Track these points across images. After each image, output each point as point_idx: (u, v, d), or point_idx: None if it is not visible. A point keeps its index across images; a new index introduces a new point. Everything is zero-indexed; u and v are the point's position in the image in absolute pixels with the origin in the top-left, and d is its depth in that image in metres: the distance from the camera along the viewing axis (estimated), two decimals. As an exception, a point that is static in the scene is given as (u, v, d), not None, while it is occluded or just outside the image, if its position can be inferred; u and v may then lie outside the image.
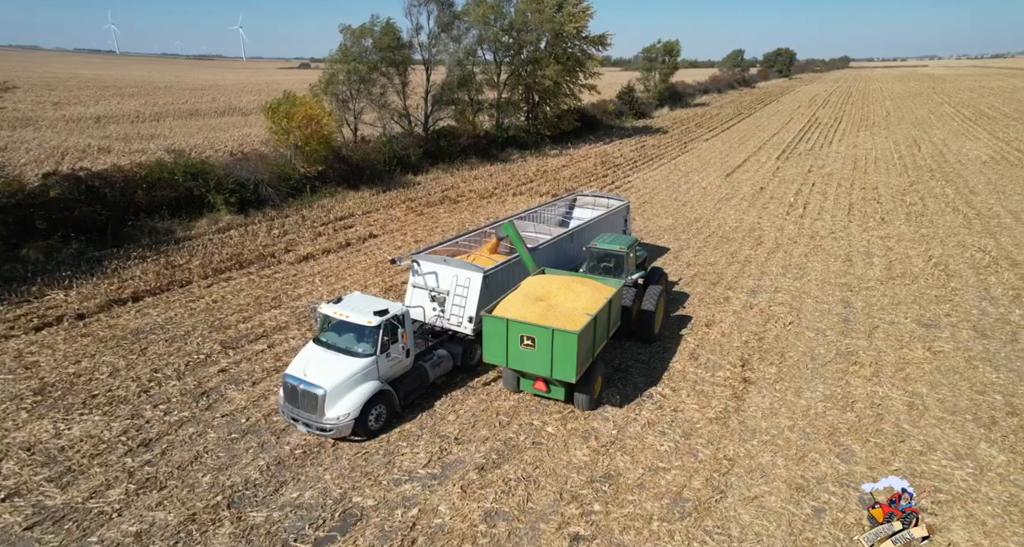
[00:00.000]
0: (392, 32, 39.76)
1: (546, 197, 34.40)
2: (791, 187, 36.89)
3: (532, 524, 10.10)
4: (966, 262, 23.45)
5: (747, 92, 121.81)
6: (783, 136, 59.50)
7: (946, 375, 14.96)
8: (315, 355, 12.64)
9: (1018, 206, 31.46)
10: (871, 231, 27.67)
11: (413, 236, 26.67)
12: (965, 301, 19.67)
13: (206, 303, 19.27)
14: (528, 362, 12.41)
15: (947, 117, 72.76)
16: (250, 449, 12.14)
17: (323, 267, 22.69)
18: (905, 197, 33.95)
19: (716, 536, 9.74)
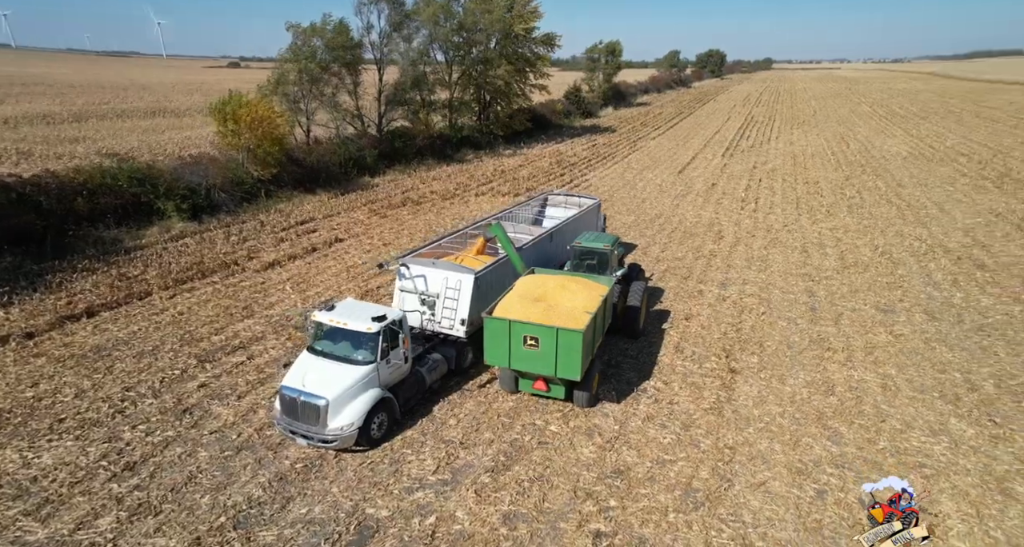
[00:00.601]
0: (344, 31, 38.87)
1: (508, 197, 34.52)
2: (740, 183, 38.37)
3: (552, 524, 10.15)
4: (907, 250, 25.04)
5: (685, 92, 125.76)
6: (724, 134, 61.78)
7: (909, 357, 15.97)
8: (312, 365, 12.25)
9: (940, 197, 33.77)
10: (820, 223, 29.15)
11: (380, 239, 26.19)
12: (913, 287, 21.01)
13: (172, 315, 18.31)
14: (531, 362, 12.44)
15: (866, 116, 77.33)
16: (247, 466, 11.65)
17: (291, 274, 21.97)
18: (844, 191, 35.91)
19: (731, 523, 10.06)
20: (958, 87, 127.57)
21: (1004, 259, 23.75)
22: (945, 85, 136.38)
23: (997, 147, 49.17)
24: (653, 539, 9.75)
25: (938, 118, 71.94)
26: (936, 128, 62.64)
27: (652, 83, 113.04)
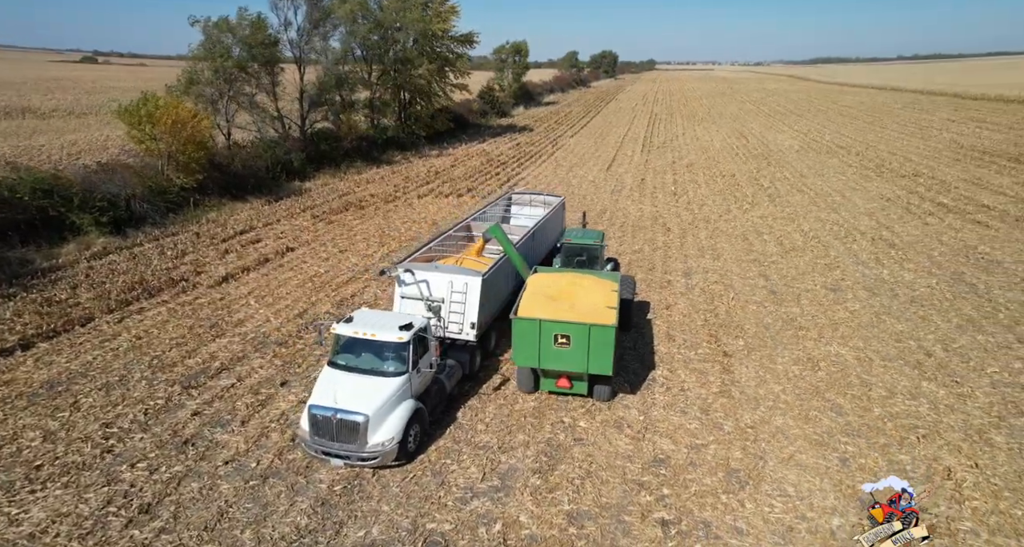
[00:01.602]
0: (263, 28, 36.69)
1: (451, 198, 34.24)
2: (666, 177, 40.38)
3: (616, 517, 10.34)
4: (830, 234, 27.55)
5: (586, 91, 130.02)
6: (636, 131, 64.63)
7: (868, 330, 17.68)
8: (341, 380, 11.63)
9: (838, 186, 37.33)
10: (749, 213, 31.36)
11: (335, 246, 25.13)
12: (847, 267, 23.19)
13: (128, 340, 16.60)
14: (562, 360, 12.55)
15: (752, 113, 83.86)
16: (280, 494, 10.88)
17: (251, 287, 20.58)
18: (759, 182, 38.81)
19: (779, 498, 10.73)
20: (816, 88, 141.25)
21: (907, 239, 26.72)
22: (805, 86, 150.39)
23: (865, 141, 54.96)
24: (715, 521, 10.21)
25: (811, 115, 79.32)
26: (812, 124, 69.04)
27: (556, 83, 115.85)
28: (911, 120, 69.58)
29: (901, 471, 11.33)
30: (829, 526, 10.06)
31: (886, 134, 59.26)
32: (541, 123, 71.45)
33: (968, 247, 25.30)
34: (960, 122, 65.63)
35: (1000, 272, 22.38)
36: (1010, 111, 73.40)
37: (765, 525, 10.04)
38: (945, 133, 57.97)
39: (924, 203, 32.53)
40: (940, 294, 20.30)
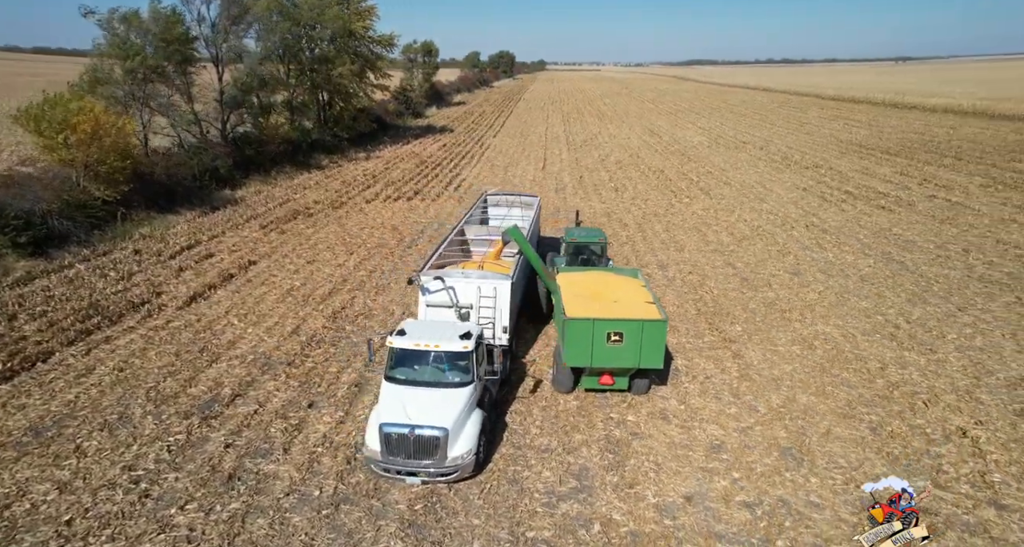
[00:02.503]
0: (177, 23, 33.79)
1: (401, 202, 33.50)
2: (602, 174, 41.79)
3: (702, 505, 10.77)
4: (770, 223, 29.87)
5: (491, 91, 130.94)
6: (554, 131, 66.14)
7: (839, 308, 19.44)
8: (407, 395, 11.21)
9: (757, 178, 40.47)
10: (691, 206, 33.23)
11: (299, 257, 23.86)
12: (797, 252, 25.29)
13: (110, 373, 14.92)
14: (614, 357, 12.82)
15: (654, 112, 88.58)
16: (361, 520, 10.34)
17: (226, 306, 19.11)
18: (688, 177, 41.17)
19: (836, 471, 11.62)
20: (702, 88, 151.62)
21: (833, 224, 29.55)
22: (690, 87, 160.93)
23: (762, 137, 59.86)
24: (791, 498, 10.91)
25: (707, 113, 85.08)
26: (710, 122, 74.11)
27: (462, 83, 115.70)
28: (791, 118, 76.47)
29: (924, 435, 12.70)
30: (884, 488, 11.09)
31: (776, 130, 64.75)
32: (458, 123, 71.26)
33: (884, 230, 28.39)
34: (830, 119, 73.15)
35: (917, 250, 25.35)
36: (861, 110, 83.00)
37: (835, 497, 10.90)
38: (823, 129, 64.33)
39: (833, 192, 36.01)
40: (881, 273, 22.69)
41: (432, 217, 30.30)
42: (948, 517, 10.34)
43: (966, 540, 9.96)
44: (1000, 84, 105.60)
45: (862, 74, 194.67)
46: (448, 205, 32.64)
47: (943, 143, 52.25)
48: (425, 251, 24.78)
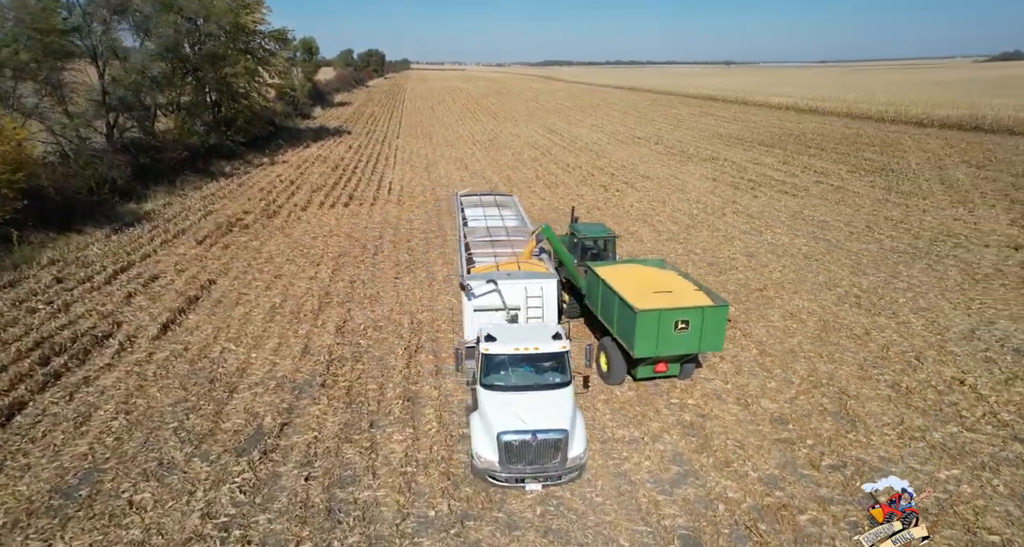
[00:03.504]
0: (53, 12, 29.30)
1: (339, 207, 31.92)
2: (526, 172, 42.47)
3: (797, 473, 11.65)
4: (701, 212, 32.19)
5: (370, 90, 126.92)
6: (457, 131, 65.90)
7: (803, 284, 21.57)
8: (513, 401, 10.96)
9: (668, 171, 43.38)
10: (624, 199, 34.92)
11: (261, 272, 22.08)
12: (738, 236, 27.62)
13: (116, 418, 12.96)
14: (679, 344, 13.36)
15: (540, 111, 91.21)
16: (494, 533, 10.00)
17: (210, 331, 17.25)
18: (606, 171, 43.08)
19: (887, 428, 12.96)
20: (572, 88, 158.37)
21: (755, 210, 32.61)
22: (563, 87, 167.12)
23: (651, 132, 64.16)
24: (867, 457, 12.04)
25: (592, 111, 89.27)
26: (599, 120, 77.85)
27: (340, 82, 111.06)
28: (667, 115, 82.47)
29: (932, 387, 14.64)
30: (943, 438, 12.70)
31: (660, 126, 69.59)
32: (352, 125, 68.62)
33: (797, 213, 31.82)
34: (700, 116, 79.99)
35: (833, 229, 28.75)
36: (720, 107, 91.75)
37: (900, 451, 12.30)
38: (700, 125, 70.19)
39: (740, 181, 39.60)
40: (817, 250, 25.49)
41: (381, 223, 29.16)
42: (992, 455, 12.11)
43: (1000, 470, 11.74)
44: (819, 87, 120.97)
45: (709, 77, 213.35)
46: (393, 210, 31.56)
47: (802, 136, 59.20)
48: (399, 258, 23.95)
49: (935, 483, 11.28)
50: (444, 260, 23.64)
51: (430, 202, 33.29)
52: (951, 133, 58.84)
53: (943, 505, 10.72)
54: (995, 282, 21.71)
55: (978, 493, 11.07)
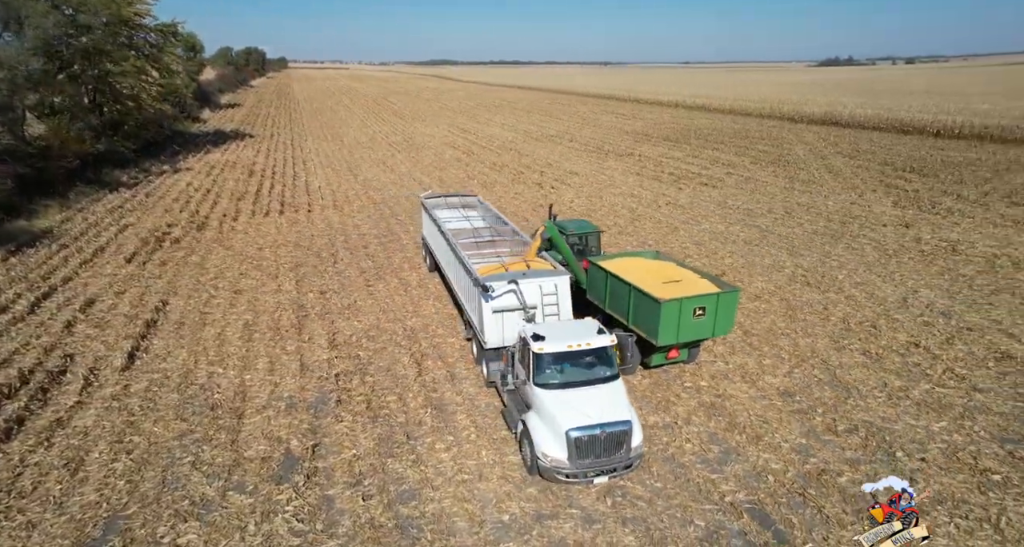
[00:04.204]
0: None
1: (273, 216, 30.10)
2: (455, 173, 42.19)
3: (820, 439, 12.67)
4: (639, 205, 33.61)
5: (256, 90, 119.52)
6: (368, 131, 64.00)
7: (754, 268, 23.17)
8: (571, 398, 11.06)
9: (592, 167, 44.88)
10: (562, 195, 35.72)
11: (220, 288, 20.46)
12: (682, 227, 29.21)
13: (116, 460, 11.56)
14: (696, 330, 14.03)
15: (447, 110, 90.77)
16: (576, 528, 10.08)
17: (184, 356, 15.80)
18: (533, 169, 43.74)
19: (877, 392, 14.34)
20: (469, 87, 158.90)
21: (683, 201, 34.58)
22: (457, 86, 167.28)
23: (561, 130, 65.86)
24: (872, 419, 13.33)
25: (496, 110, 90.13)
26: (507, 119, 78.72)
27: (223, 82, 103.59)
28: (571, 113, 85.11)
29: (894, 351, 16.45)
30: (921, 395, 14.33)
31: (568, 124, 71.65)
32: (250, 127, 64.58)
33: (721, 202, 34.20)
34: (600, 114, 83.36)
35: (759, 216, 31.19)
36: (616, 105, 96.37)
37: (895, 410, 13.72)
38: (604, 122, 73.15)
39: (661, 174, 41.82)
40: (754, 237, 27.60)
41: (327, 230, 27.83)
42: (964, 406, 13.87)
43: (975, 418, 13.52)
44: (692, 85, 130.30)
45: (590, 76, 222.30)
46: (334, 216, 30.20)
47: (699, 131, 63.51)
48: (362, 266, 23.07)
49: (930, 436, 12.76)
50: (410, 265, 23.06)
51: (370, 207, 32.22)
52: (817, 128, 65.61)
53: (950, 454, 12.17)
54: (904, 257, 24.64)
55: (967, 440, 12.67)
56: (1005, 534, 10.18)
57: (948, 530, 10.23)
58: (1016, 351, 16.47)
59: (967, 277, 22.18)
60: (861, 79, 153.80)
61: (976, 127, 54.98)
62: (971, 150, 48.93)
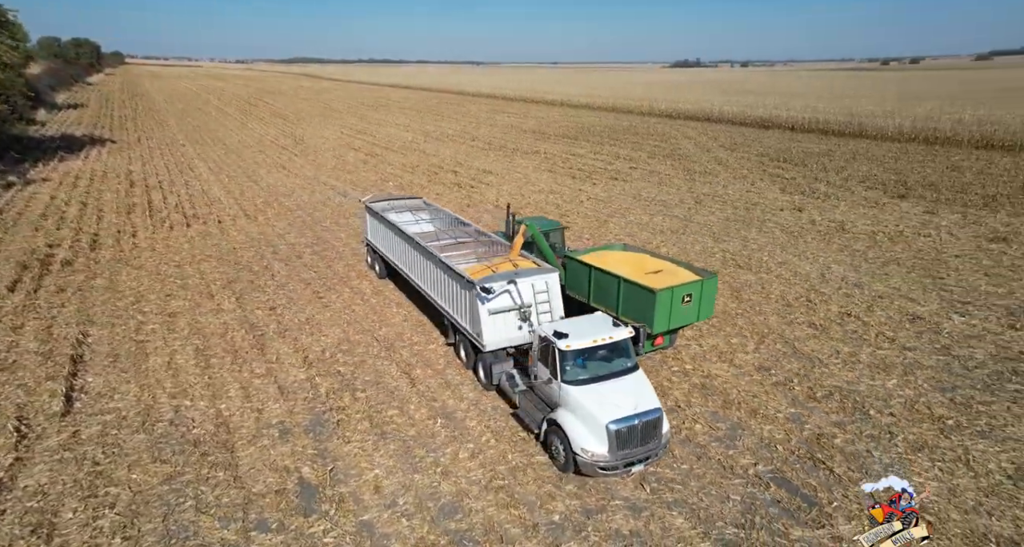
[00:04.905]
0: None
1: (179, 229, 27.37)
2: (367, 175, 40.60)
3: (807, 407, 13.82)
4: (564, 202, 34.41)
5: (96, 87, 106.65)
6: (253, 134, 59.81)
7: (688, 254, 24.71)
8: (603, 391, 11.17)
9: (502, 166, 45.06)
10: (486, 195, 35.62)
11: (149, 314, 18.23)
12: (610, 220, 30.30)
13: (104, 514, 10.03)
14: (683, 316, 14.67)
15: (333, 111, 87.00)
16: (628, 518, 10.24)
17: (136, 391, 14.00)
18: (447, 170, 43.18)
19: (834, 358, 15.91)
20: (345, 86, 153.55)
21: (603, 196, 35.62)
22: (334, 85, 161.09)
23: (459, 130, 65.71)
24: (840, 384, 14.78)
25: (385, 110, 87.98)
26: (400, 119, 77.07)
27: (53, 77, 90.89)
28: (463, 113, 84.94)
29: (833, 322, 18.25)
30: (868, 358, 16.01)
31: (465, 124, 71.51)
32: (106, 130, 58.07)
33: (637, 195, 35.82)
34: (492, 113, 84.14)
35: (674, 206, 32.99)
36: (505, 104, 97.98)
37: (852, 374, 15.18)
38: (500, 121, 73.88)
39: (574, 171, 42.86)
40: (677, 226, 29.21)
41: (248, 242, 25.69)
42: (903, 364, 15.70)
43: (915, 373, 15.42)
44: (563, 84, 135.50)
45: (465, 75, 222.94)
46: (252, 227, 27.92)
47: (591, 128, 66.16)
48: (303, 277, 21.61)
49: (889, 394, 14.36)
50: (357, 273, 21.97)
51: (286, 214, 30.20)
52: (694, 123, 70.93)
53: (910, 406, 13.76)
54: (807, 237, 27.38)
55: (917, 393, 14.40)
56: (976, 470, 11.70)
57: (935, 474, 11.57)
58: (922, 312, 18.93)
59: (861, 252, 25.08)
60: (714, 79, 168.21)
61: (820, 123, 62.30)
62: (822, 142, 55.24)
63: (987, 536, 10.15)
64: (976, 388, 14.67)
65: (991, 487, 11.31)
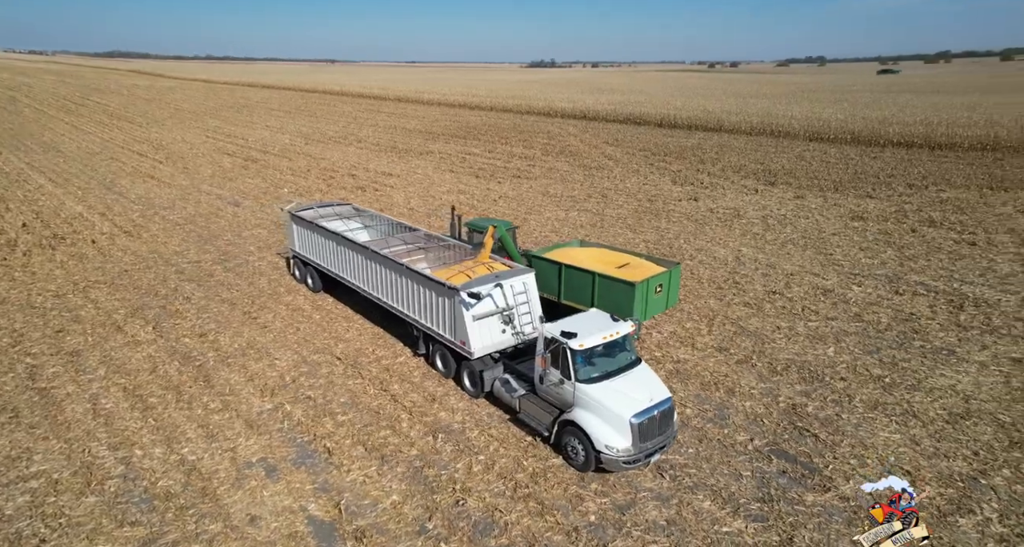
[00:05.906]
0: None
1: (47, 251, 23.58)
2: (254, 182, 37.57)
3: (774, 381, 14.82)
4: (477, 201, 34.07)
5: None
6: (93, 138, 52.80)
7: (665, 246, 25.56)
8: (617, 387, 11.17)
9: (401, 168, 43.80)
10: (394, 198, 34.37)
11: (49, 354, 15.45)
12: (528, 218, 30.37)
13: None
14: (656, 306, 15.11)
15: (188, 114, 79.25)
16: (660, 508, 10.38)
17: (72, 452, 11.72)
18: (343, 175, 41.00)
19: (777, 334, 17.29)
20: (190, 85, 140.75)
21: (512, 194, 35.92)
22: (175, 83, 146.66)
23: (339, 130, 62.62)
24: (792, 356, 16.06)
25: (248, 111, 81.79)
26: (271, 121, 72.08)
27: None
28: (338, 113, 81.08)
29: (767, 301, 19.82)
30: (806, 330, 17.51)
31: (345, 125, 68.18)
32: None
33: (545, 192, 36.13)
34: (372, 113, 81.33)
35: (583, 201, 33.89)
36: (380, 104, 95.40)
37: (798, 346, 16.56)
38: (380, 121, 71.56)
39: (476, 170, 42.26)
40: (593, 220, 29.99)
41: (139, 263, 22.64)
42: (833, 333, 17.37)
43: (844, 340, 17.17)
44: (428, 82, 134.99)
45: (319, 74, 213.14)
46: (138, 246, 24.63)
47: (477, 128, 66.22)
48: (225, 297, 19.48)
49: (833, 361, 15.84)
50: (286, 288, 20.21)
51: (175, 229, 27.07)
52: (574, 121, 73.56)
53: (852, 370, 15.27)
54: (711, 224, 29.47)
55: (853, 358, 16.00)
56: (922, 419, 13.26)
57: (895, 427, 12.93)
58: (829, 285, 21.10)
59: (760, 235, 27.45)
60: (575, 79, 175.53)
61: (685, 119, 67.44)
62: (691, 137, 59.68)
63: (952, 477, 11.47)
64: (893, 348, 16.59)
65: (937, 432, 12.84)
